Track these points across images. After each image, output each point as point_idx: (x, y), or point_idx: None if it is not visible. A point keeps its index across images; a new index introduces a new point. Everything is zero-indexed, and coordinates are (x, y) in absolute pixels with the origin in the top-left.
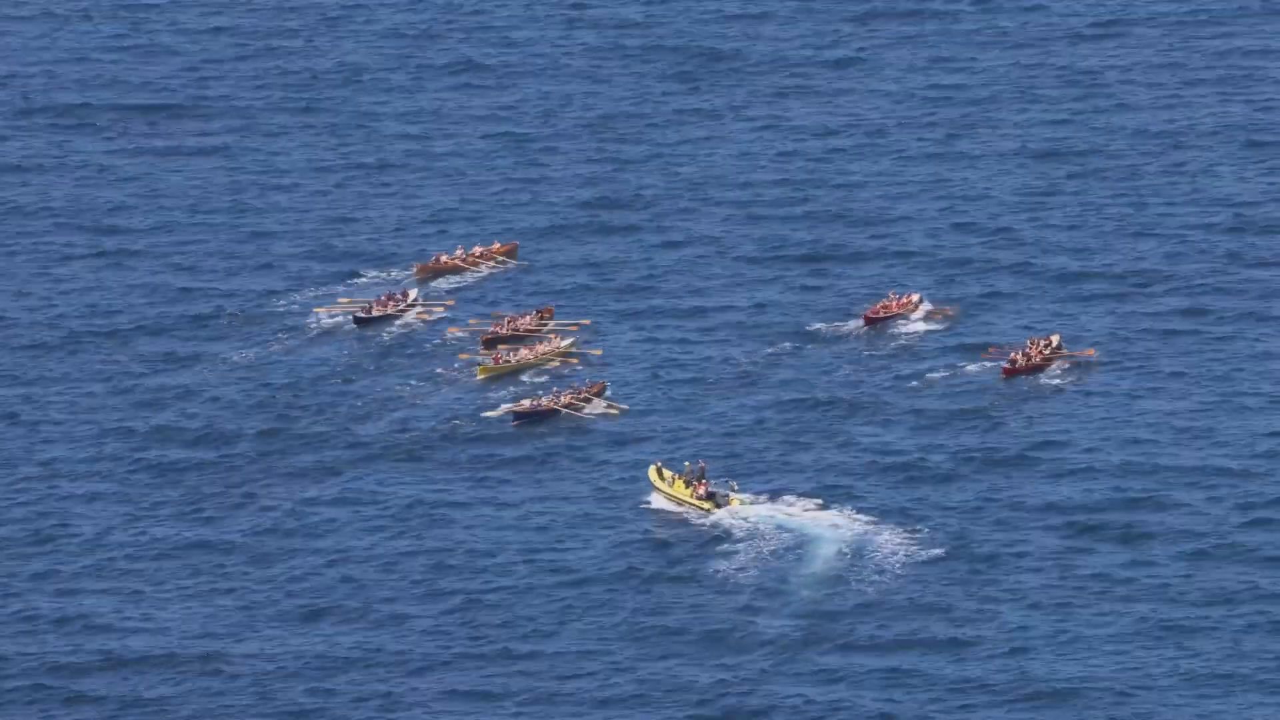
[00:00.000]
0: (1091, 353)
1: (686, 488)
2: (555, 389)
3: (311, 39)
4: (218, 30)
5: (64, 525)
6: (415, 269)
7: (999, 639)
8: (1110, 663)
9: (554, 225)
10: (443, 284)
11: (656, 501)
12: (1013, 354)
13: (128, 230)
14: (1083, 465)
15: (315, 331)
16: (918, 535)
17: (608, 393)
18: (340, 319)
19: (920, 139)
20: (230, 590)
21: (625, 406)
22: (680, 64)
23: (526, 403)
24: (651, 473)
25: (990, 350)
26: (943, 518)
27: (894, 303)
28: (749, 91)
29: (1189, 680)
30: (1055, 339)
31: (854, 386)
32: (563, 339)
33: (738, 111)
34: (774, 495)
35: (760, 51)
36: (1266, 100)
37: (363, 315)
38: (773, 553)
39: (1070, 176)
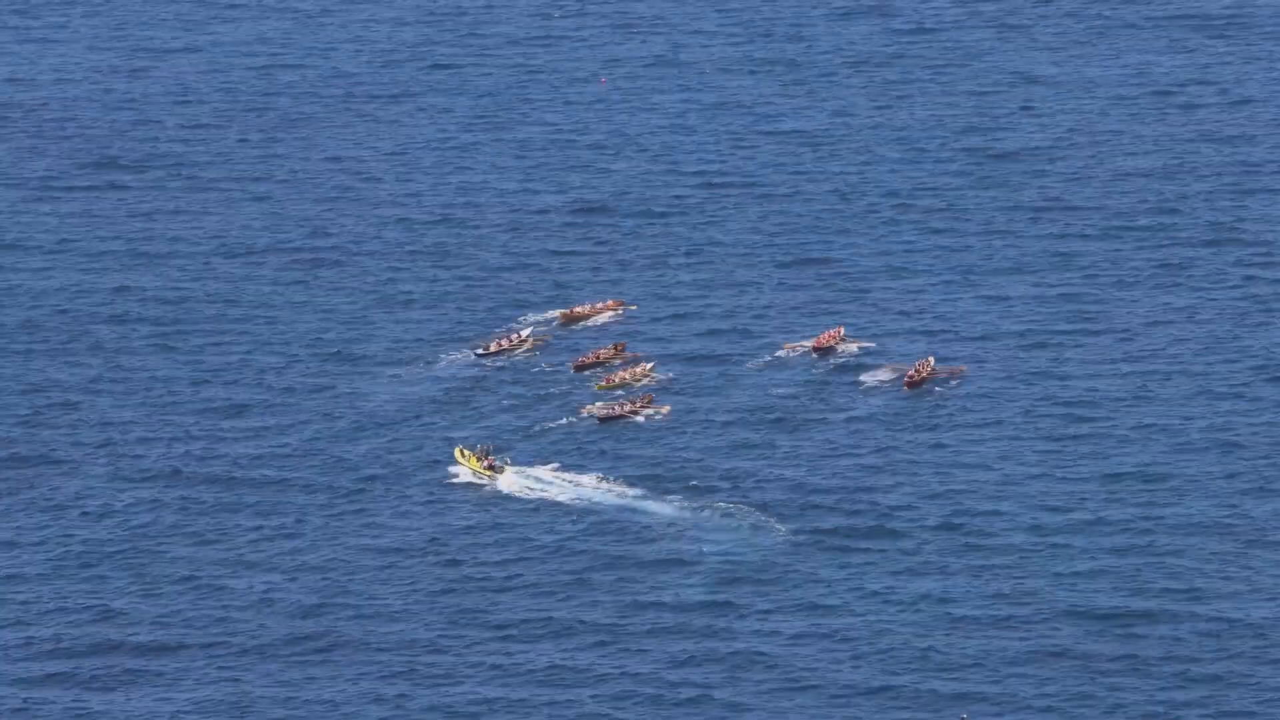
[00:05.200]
0: (963, 369)
1: (478, 462)
2: (621, 398)
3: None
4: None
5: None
6: (559, 314)
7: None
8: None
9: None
10: (549, 320)
11: (459, 474)
12: (909, 371)
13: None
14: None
15: (443, 364)
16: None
17: (655, 401)
18: (466, 354)
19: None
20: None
21: (669, 408)
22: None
23: (599, 406)
24: (456, 452)
25: (884, 368)
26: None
27: (828, 335)
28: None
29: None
30: (931, 360)
31: (792, 401)
32: (646, 363)
33: None
34: (698, 493)
35: None
36: None
37: (482, 351)
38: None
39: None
